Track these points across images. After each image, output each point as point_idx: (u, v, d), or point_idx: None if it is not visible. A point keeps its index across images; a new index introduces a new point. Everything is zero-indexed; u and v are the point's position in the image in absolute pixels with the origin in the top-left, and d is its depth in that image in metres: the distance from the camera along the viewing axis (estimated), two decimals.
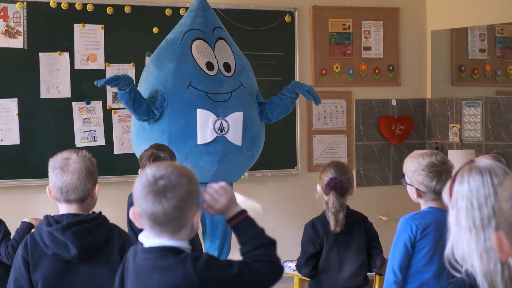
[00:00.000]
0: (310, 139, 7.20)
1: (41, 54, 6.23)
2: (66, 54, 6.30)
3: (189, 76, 5.40)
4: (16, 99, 6.16)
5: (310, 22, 7.17)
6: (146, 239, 2.32)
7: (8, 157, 6.06)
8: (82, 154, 2.92)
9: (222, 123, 5.35)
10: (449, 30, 7.54)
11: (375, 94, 7.45)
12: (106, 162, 6.22)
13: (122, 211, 4.67)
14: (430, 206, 3.52)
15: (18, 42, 6.17)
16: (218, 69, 5.46)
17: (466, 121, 7.30)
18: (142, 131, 5.47)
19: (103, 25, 6.40)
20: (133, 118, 5.57)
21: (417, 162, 3.50)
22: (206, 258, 2.28)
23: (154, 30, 6.51)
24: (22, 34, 6.17)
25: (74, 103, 6.31)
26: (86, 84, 6.28)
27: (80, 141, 6.30)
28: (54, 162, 2.92)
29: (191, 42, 5.49)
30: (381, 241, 4.30)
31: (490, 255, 1.80)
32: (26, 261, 2.93)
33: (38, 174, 5.95)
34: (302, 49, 7.11)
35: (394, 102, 7.52)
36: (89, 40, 6.37)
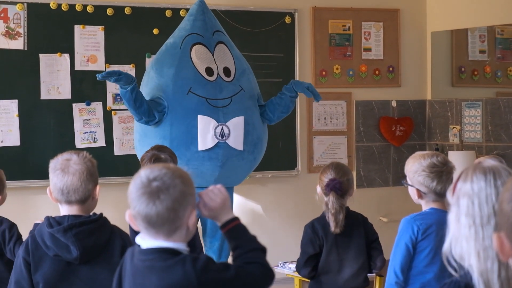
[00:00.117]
0: (310, 140, 7.20)
1: (41, 56, 6.23)
2: (67, 55, 6.30)
3: (189, 82, 5.40)
4: (16, 100, 6.16)
5: (310, 23, 7.17)
6: (143, 241, 2.32)
7: (8, 158, 6.06)
8: (82, 155, 2.92)
9: (223, 129, 5.35)
10: (449, 31, 7.54)
11: (375, 95, 7.45)
12: (107, 164, 6.22)
13: (122, 213, 4.65)
14: (432, 207, 3.52)
15: (18, 44, 6.17)
16: (218, 74, 5.46)
17: (466, 122, 7.30)
18: (144, 137, 5.48)
19: (103, 26, 6.40)
20: (136, 124, 5.57)
21: (418, 163, 3.50)
22: (205, 259, 2.28)
23: (154, 31, 6.51)
24: (23, 35, 6.17)
25: (74, 104, 6.31)
26: (87, 85, 6.28)
27: (80, 142, 6.30)
28: (54, 164, 2.91)
29: (191, 47, 5.49)
30: (381, 242, 4.29)
31: (488, 254, 1.81)
32: (27, 262, 2.93)
33: (39, 175, 5.96)
34: (302, 50, 7.11)
35: (394, 103, 7.52)
36: (89, 41, 6.37)
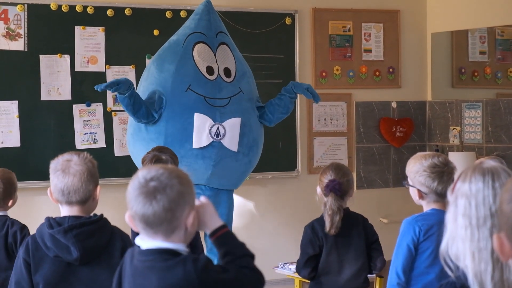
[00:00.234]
0: (311, 141, 7.20)
1: (41, 56, 6.23)
2: (67, 56, 6.30)
3: (188, 79, 5.40)
4: (16, 101, 6.16)
5: (310, 25, 7.17)
6: (142, 242, 2.32)
7: (8, 159, 6.05)
8: (83, 156, 2.92)
9: (218, 128, 5.35)
10: (449, 32, 7.54)
11: (376, 96, 7.45)
12: (107, 164, 6.21)
13: (122, 214, 4.65)
14: (433, 208, 3.51)
15: (18, 45, 6.18)
16: (218, 74, 5.46)
17: (467, 123, 7.30)
18: (138, 131, 5.46)
19: (104, 27, 6.40)
20: (130, 117, 5.55)
21: (419, 163, 3.50)
22: (205, 260, 2.28)
23: (155, 32, 6.51)
24: (23, 36, 6.18)
25: (74, 105, 6.32)
26: (87, 86, 6.28)
27: (80, 143, 6.30)
28: (55, 164, 2.91)
29: (193, 45, 5.49)
30: (381, 243, 4.29)
31: (482, 255, 1.81)
32: (27, 263, 2.92)
33: (39, 176, 5.95)
34: (303, 51, 7.11)
35: (394, 104, 7.52)
36: (89, 42, 6.37)
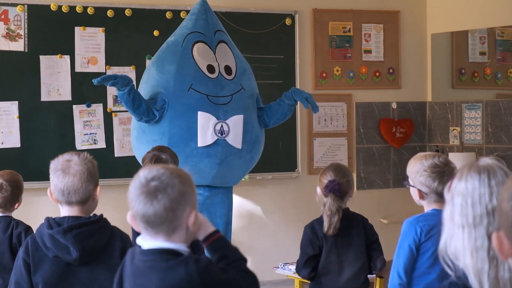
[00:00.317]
0: (311, 142, 7.20)
1: (41, 57, 6.23)
2: (67, 57, 6.30)
3: (190, 78, 5.40)
4: (16, 102, 6.16)
5: (310, 25, 7.18)
6: (144, 242, 2.31)
7: (8, 160, 6.06)
8: (83, 156, 2.91)
9: (222, 126, 5.36)
10: (449, 33, 7.54)
11: (376, 97, 7.45)
12: (107, 165, 6.22)
13: (123, 214, 4.65)
14: (434, 209, 3.51)
15: (18, 45, 6.18)
16: (219, 72, 5.46)
17: (467, 124, 7.30)
18: (142, 134, 5.47)
19: (104, 28, 6.41)
20: (133, 120, 5.57)
21: (420, 163, 3.51)
22: (206, 260, 2.29)
23: (155, 33, 6.51)
24: (23, 37, 6.18)
25: (74, 106, 6.32)
26: (87, 87, 6.28)
27: (80, 144, 6.31)
28: (55, 164, 2.91)
29: (192, 45, 5.49)
30: (381, 244, 4.28)
31: (479, 254, 1.81)
32: (27, 263, 2.92)
33: (39, 177, 5.95)
34: (303, 52, 7.11)
35: (394, 105, 7.52)
36: (89, 43, 6.37)
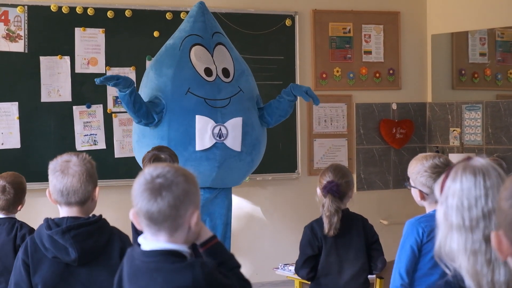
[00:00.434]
0: (311, 143, 7.20)
1: (41, 58, 6.23)
2: (67, 58, 6.30)
3: (187, 82, 5.40)
4: (16, 103, 6.16)
5: (310, 26, 7.18)
6: (145, 241, 2.31)
7: (8, 160, 6.06)
8: (82, 157, 2.91)
9: (221, 129, 5.35)
10: (449, 34, 7.54)
11: (376, 98, 7.45)
12: (107, 166, 6.22)
13: (122, 215, 4.65)
14: (435, 209, 3.51)
15: (19, 46, 6.18)
16: (217, 75, 5.46)
17: (467, 124, 7.29)
18: (142, 138, 5.48)
19: (104, 29, 6.41)
20: (134, 125, 5.58)
21: (420, 164, 3.51)
22: (212, 264, 2.29)
23: (155, 34, 6.51)
24: (23, 38, 6.18)
25: (74, 107, 6.32)
26: (87, 88, 6.29)
27: (80, 145, 6.31)
28: (54, 165, 2.90)
29: (190, 48, 5.49)
30: (382, 245, 4.28)
31: (476, 257, 1.80)
32: (26, 264, 2.92)
33: (39, 178, 5.94)
34: (303, 53, 7.11)
35: (394, 106, 7.52)
36: (89, 44, 6.37)
